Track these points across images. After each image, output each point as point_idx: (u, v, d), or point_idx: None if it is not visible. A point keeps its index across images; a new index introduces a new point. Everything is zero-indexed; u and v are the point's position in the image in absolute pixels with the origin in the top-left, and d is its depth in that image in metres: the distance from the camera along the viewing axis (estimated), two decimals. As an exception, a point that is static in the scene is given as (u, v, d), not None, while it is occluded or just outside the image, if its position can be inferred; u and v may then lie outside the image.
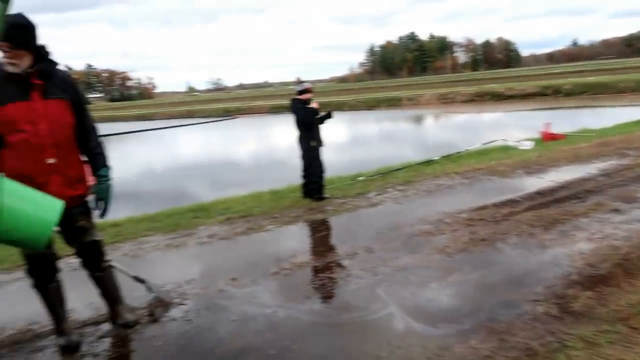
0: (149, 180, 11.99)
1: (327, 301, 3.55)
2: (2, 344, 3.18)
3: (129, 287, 3.60)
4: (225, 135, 24.63)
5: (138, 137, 26.24)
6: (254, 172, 12.30)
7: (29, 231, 2.48)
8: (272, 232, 5.27)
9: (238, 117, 36.34)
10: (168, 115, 42.48)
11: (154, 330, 3.24)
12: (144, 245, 5.05)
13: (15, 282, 4.21)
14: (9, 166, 2.73)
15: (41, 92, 2.78)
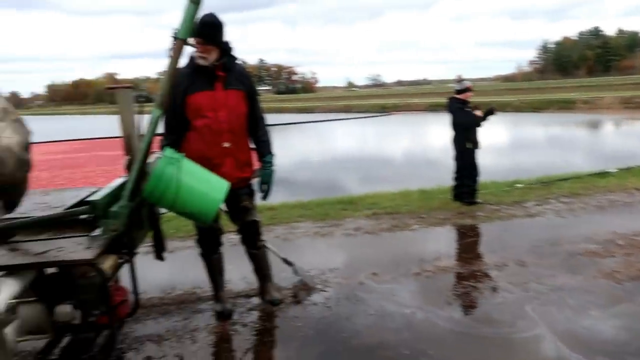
0: (305, 169, 12.67)
1: (469, 311, 3.39)
2: (171, 302, 3.66)
3: (278, 267, 3.86)
4: (380, 131, 24.87)
5: (298, 128, 27.89)
6: (405, 169, 12.21)
7: (199, 206, 2.80)
8: (418, 232, 5.19)
9: (394, 114, 36.36)
10: (327, 109, 44.30)
11: (295, 311, 3.43)
12: (295, 231, 5.36)
13: (186, 250, 4.80)
14: (192, 147, 3.13)
15: (223, 83, 3.13)
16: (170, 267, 4.17)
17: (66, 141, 21.93)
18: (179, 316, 3.42)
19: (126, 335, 3.15)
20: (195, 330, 3.20)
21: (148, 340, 3.09)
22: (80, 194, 3.26)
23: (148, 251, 3.69)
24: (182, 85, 3.07)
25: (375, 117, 34.87)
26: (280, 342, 3.07)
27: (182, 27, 2.50)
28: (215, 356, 2.92)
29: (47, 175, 11.43)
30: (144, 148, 2.54)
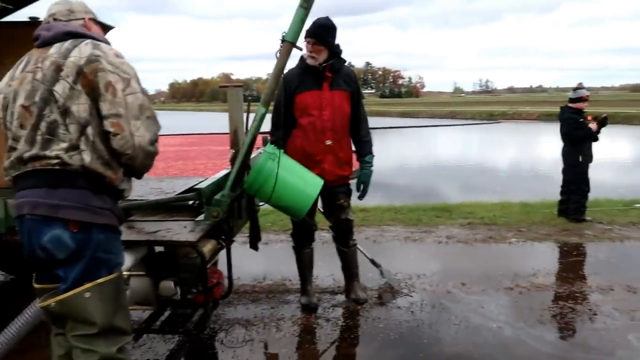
0: (403, 174, 12.56)
1: (563, 333, 3.18)
2: (261, 290, 3.88)
3: (365, 268, 3.92)
4: (485, 139, 23.86)
5: (400, 132, 27.64)
6: (508, 180, 11.61)
7: (293, 201, 2.95)
8: (515, 246, 4.95)
9: (502, 122, 34.60)
10: (431, 115, 43.37)
11: (379, 313, 3.46)
12: (386, 234, 5.38)
13: (280, 243, 5.03)
14: (297, 143, 3.33)
15: (329, 84, 3.30)
16: (264, 258, 4.41)
17: (182, 135, 23.77)
18: (267, 305, 3.62)
19: (218, 316, 3.40)
20: (281, 320, 3.36)
21: (237, 324, 3.31)
22: (189, 183, 3.59)
23: (244, 241, 3.95)
24: (292, 85, 3.28)
25: (481, 124, 33.47)
26: (361, 341, 3.12)
27: (291, 31, 2.65)
28: (297, 346, 3.05)
29: (162, 165, 12.51)
30: (247, 143, 2.73)
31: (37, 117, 1.76)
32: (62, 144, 1.75)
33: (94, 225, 1.79)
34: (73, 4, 1.97)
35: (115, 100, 1.79)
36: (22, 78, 1.83)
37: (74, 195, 1.76)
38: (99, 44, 1.84)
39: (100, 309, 1.81)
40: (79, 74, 1.76)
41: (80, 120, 1.76)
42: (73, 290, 1.79)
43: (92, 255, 1.80)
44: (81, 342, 1.84)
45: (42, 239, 1.76)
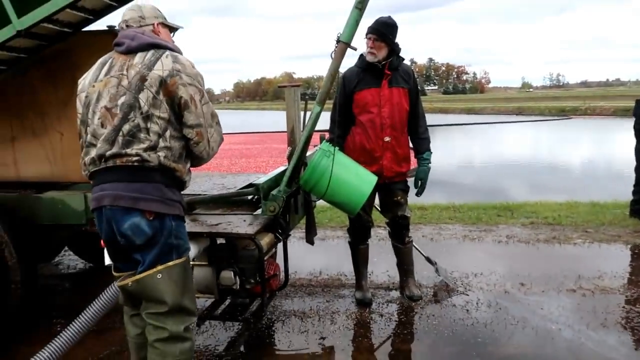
0: (465, 172, 12.28)
1: (628, 338, 3.04)
2: (317, 284, 3.98)
3: (421, 265, 3.92)
4: (554, 136, 22.76)
5: (463, 130, 26.94)
6: (577, 179, 11.06)
7: (348, 197, 3.02)
8: (580, 247, 4.75)
9: (574, 118, 32.84)
10: (496, 111, 41.91)
11: (433, 310, 3.47)
12: (443, 232, 5.33)
13: (336, 239, 5.12)
14: (356, 140, 3.42)
15: (388, 81, 3.36)
16: (320, 253, 4.51)
17: (245, 134, 24.47)
18: (323, 298, 3.71)
19: (275, 307, 3.54)
20: (336, 313, 3.45)
21: (293, 315, 3.43)
22: (249, 179, 3.76)
23: (302, 236, 4.07)
24: (351, 83, 3.38)
25: (551, 120, 31.94)
26: (414, 337, 3.15)
27: (345, 31, 2.72)
28: (351, 339, 3.12)
29: (227, 162, 12.98)
30: (303, 140, 2.83)
31: (121, 119, 1.95)
32: (141, 144, 1.95)
33: (166, 215, 2.01)
34: (144, 10, 2.15)
35: (197, 111, 2.03)
36: (107, 81, 2.01)
37: (150, 188, 1.98)
38: (177, 57, 2.03)
39: (170, 290, 2.02)
40: (161, 85, 1.96)
41: (160, 125, 1.97)
42: (147, 272, 2.00)
43: (165, 241, 2.01)
44: (153, 319, 2.06)
45: (122, 226, 1.97)
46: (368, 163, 3.33)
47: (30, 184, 3.23)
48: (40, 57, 3.09)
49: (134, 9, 2.16)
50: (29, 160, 3.22)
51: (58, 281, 4.24)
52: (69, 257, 4.70)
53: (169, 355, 2.04)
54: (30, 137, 3.20)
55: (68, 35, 3.00)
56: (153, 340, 2.06)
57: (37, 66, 3.12)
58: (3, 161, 3.24)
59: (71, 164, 3.18)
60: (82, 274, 4.43)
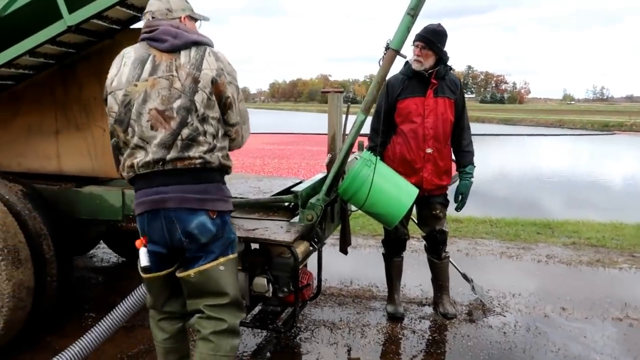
0: (500, 184, 11.96)
1: (681, 376, 2.85)
2: (348, 294, 3.90)
3: (456, 282, 3.79)
4: (597, 152, 21.96)
5: (500, 140, 26.34)
6: (622, 198, 10.60)
7: (387, 208, 2.93)
8: (626, 272, 4.51)
9: (619, 134, 31.66)
10: (535, 122, 40.83)
11: (468, 330, 3.34)
12: (479, 247, 5.16)
13: (368, 248, 5.03)
14: (396, 150, 3.33)
15: (434, 91, 3.26)
16: (352, 261, 4.42)
17: (279, 134, 24.58)
18: (353, 309, 3.63)
19: (305, 316, 3.47)
20: (366, 326, 3.36)
21: (323, 325, 3.36)
22: (286, 183, 3.71)
23: (333, 243, 4.00)
24: (395, 90, 3.29)
25: (593, 135, 30.88)
26: (448, 357, 3.03)
27: (396, 38, 2.63)
28: (381, 355, 3.03)
29: (260, 162, 13.02)
30: (345, 149, 2.76)
31: (179, 124, 1.94)
32: (201, 147, 1.98)
33: (225, 212, 2.08)
34: (171, 2, 2.07)
35: (238, 110, 2.10)
36: (154, 82, 1.95)
37: (213, 189, 2.03)
38: (217, 54, 2.03)
39: (231, 281, 2.09)
40: (212, 85, 1.98)
41: (214, 126, 2.01)
42: (211, 263, 2.04)
43: (226, 236, 2.08)
44: (212, 311, 2.08)
45: (189, 226, 1.99)
46: (408, 174, 3.23)
47: (70, 177, 3.27)
48: (87, 53, 3.13)
49: (161, 0, 2.08)
50: (71, 154, 3.26)
51: (92, 274, 4.29)
52: (103, 251, 4.76)
53: (221, 350, 2.06)
54: (73, 131, 3.24)
55: (116, 32, 3.02)
56: (209, 333, 2.07)
57: (84, 62, 3.15)
58: (46, 153, 3.29)
59: (111, 160, 3.17)
60: (115, 267, 4.48)
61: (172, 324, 2.26)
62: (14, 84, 3.19)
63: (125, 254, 4.52)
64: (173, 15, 2.07)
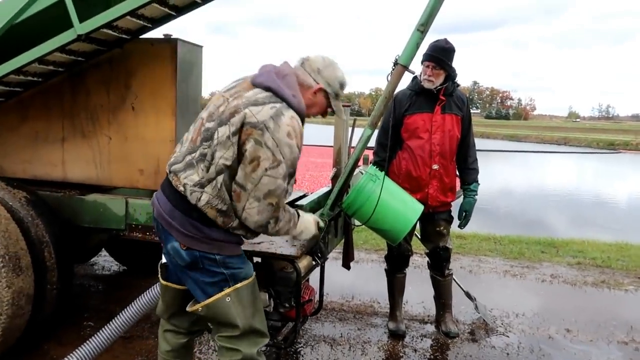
0: (504, 201, 11.90)
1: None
2: (349, 310, 3.86)
3: (458, 300, 3.75)
4: (603, 170, 21.88)
5: (504, 156, 26.29)
6: (628, 219, 10.52)
7: (392, 224, 2.89)
8: (632, 294, 4.46)
9: (624, 153, 31.57)
10: (540, 139, 40.79)
11: (470, 350, 3.29)
12: (482, 265, 5.12)
13: (370, 262, 5.00)
14: (402, 165, 3.31)
15: (442, 107, 3.26)
16: (353, 276, 4.39)
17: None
18: (354, 325, 3.59)
19: (305, 331, 3.44)
20: (367, 343, 3.32)
21: (323, 341, 3.32)
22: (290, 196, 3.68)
23: (335, 257, 3.97)
24: (403, 105, 3.27)
25: (599, 153, 30.79)
26: (450, 377, 2.98)
27: (405, 54, 2.62)
28: (383, 372, 2.99)
29: (264, 172, 13.01)
30: (351, 163, 2.74)
31: (200, 142, 1.89)
32: (194, 175, 1.87)
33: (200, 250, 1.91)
34: (327, 69, 2.03)
35: (251, 175, 1.83)
36: (218, 97, 1.96)
37: (187, 223, 1.89)
38: (281, 115, 1.84)
39: (240, 312, 1.96)
40: (240, 128, 1.81)
41: (217, 167, 1.83)
42: (216, 295, 1.94)
43: (211, 269, 1.94)
44: (226, 342, 2.00)
45: (166, 246, 1.95)
46: (413, 190, 3.20)
47: (75, 185, 3.27)
48: (96, 62, 3.14)
49: (325, 60, 2.05)
50: (76, 162, 3.26)
51: (92, 282, 4.27)
52: (104, 259, 4.75)
53: None
54: (79, 139, 3.24)
55: (125, 42, 3.04)
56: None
57: (93, 70, 3.16)
58: (52, 160, 3.28)
59: (116, 169, 3.20)
60: (115, 276, 4.46)
61: (177, 337, 2.24)
62: (22, 90, 3.20)
63: (127, 262, 4.50)
64: (312, 75, 2.01)
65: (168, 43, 3.05)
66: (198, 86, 3.39)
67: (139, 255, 4.28)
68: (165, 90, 3.07)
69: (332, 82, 2.03)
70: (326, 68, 2.03)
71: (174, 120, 3.08)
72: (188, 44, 3.17)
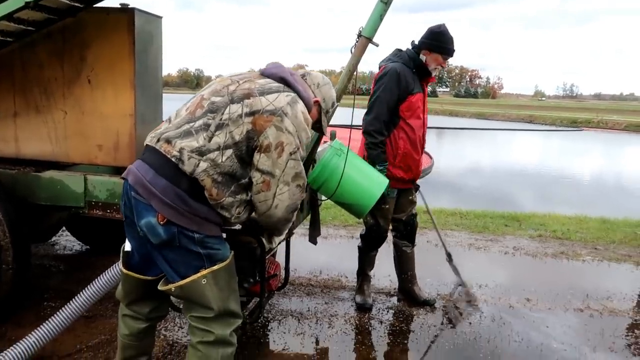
0: (472, 178, 12.13)
1: (637, 365, 2.94)
2: (316, 284, 3.88)
3: (421, 273, 3.81)
4: (565, 147, 22.52)
5: (472, 134, 26.72)
6: (587, 193, 10.90)
7: (357, 199, 2.90)
8: (589, 265, 4.63)
9: (585, 130, 32.53)
10: (507, 117, 41.58)
11: (435, 320, 3.36)
12: (448, 239, 5.20)
13: (338, 238, 5.02)
14: (400, 145, 3.28)
15: (425, 87, 3.34)
16: (321, 251, 4.41)
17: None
18: (322, 299, 3.61)
19: (272, 306, 3.44)
20: (334, 316, 3.35)
21: (290, 315, 3.33)
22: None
23: (303, 233, 3.96)
24: (408, 84, 3.21)
25: (562, 131, 31.62)
26: (413, 347, 3.04)
27: (368, 26, 2.58)
28: (348, 345, 3.02)
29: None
30: (315, 137, 2.72)
31: (202, 114, 1.86)
32: (193, 142, 1.81)
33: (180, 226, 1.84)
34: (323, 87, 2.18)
35: (278, 161, 1.85)
36: (225, 79, 1.99)
37: (172, 193, 1.81)
38: (297, 102, 1.91)
39: (216, 295, 1.91)
40: (254, 114, 1.83)
41: (227, 140, 1.82)
42: (192, 277, 1.88)
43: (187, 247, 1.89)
44: (198, 322, 1.95)
45: (140, 221, 1.85)
46: (407, 170, 3.31)
47: (30, 161, 3.14)
48: (48, 32, 2.99)
49: (324, 79, 2.20)
50: (30, 138, 3.12)
51: (53, 262, 4.15)
52: (66, 238, 4.62)
53: (210, 359, 1.94)
54: (33, 114, 3.10)
55: (78, 10, 2.89)
56: (197, 342, 1.95)
57: (45, 41, 3.01)
58: (3, 137, 3.14)
59: (73, 144, 3.09)
60: (77, 256, 4.35)
61: (136, 322, 2.19)
62: (-31, 62, 3.03)
63: (89, 241, 4.38)
64: (315, 91, 2.14)
65: (125, 12, 2.92)
66: (158, 59, 3.27)
67: (101, 233, 4.18)
68: (122, 63, 2.95)
69: (327, 98, 2.18)
70: (324, 85, 2.17)
71: (133, 93, 2.97)
72: (146, 14, 3.05)
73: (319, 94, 2.15)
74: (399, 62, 3.25)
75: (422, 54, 3.23)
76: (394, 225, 3.58)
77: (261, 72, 2.03)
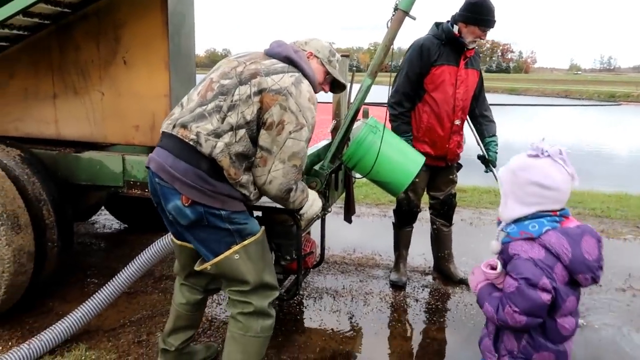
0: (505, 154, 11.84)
1: (684, 346, 2.84)
2: (351, 262, 3.88)
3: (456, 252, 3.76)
4: (604, 122, 21.71)
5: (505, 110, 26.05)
6: (627, 170, 10.52)
7: (393, 176, 2.86)
8: (631, 244, 4.48)
9: (625, 104, 31.29)
10: (541, 92, 40.34)
11: (471, 298, 3.32)
12: (483, 217, 5.13)
13: (371, 216, 5.00)
14: (423, 119, 3.23)
15: (466, 62, 3.20)
16: (355, 230, 4.39)
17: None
18: (356, 277, 3.62)
19: (308, 284, 3.47)
20: (369, 294, 3.35)
21: (326, 293, 3.35)
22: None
23: (337, 211, 3.96)
24: (431, 55, 3.14)
25: (599, 106, 30.49)
26: (450, 326, 3.02)
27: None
28: (384, 322, 3.02)
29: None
30: (351, 114, 2.68)
31: (213, 97, 1.90)
32: (208, 125, 1.87)
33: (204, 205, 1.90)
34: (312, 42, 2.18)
35: (277, 138, 1.89)
36: (231, 61, 2.00)
37: (190, 171, 1.87)
38: (301, 82, 1.94)
39: (250, 268, 1.98)
40: (261, 92, 1.87)
41: (239, 121, 1.87)
42: (224, 254, 1.95)
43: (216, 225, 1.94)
44: (237, 295, 2.03)
45: (167, 205, 1.93)
46: (432, 145, 3.23)
47: (69, 142, 3.21)
48: (84, 13, 3.01)
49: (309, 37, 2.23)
50: (69, 119, 3.18)
51: (93, 240, 4.28)
52: (105, 217, 4.75)
53: (250, 330, 2.02)
54: (71, 95, 3.15)
55: (112, -9, 2.90)
56: (237, 313, 2.03)
57: (81, 22, 3.04)
58: (44, 118, 3.21)
59: (111, 125, 3.13)
60: (116, 234, 4.47)
61: (192, 293, 2.28)
62: (9, 45, 3.09)
63: (127, 220, 4.49)
64: (304, 47, 2.15)
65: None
66: (191, 39, 3.25)
67: (139, 212, 4.27)
68: (156, 43, 2.95)
69: (320, 49, 2.16)
70: (311, 41, 2.18)
71: (168, 74, 2.98)
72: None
73: (309, 48, 2.15)
74: (430, 35, 3.19)
75: (459, 27, 3.12)
76: (431, 203, 3.55)
77: (265, 52, 2.06)
